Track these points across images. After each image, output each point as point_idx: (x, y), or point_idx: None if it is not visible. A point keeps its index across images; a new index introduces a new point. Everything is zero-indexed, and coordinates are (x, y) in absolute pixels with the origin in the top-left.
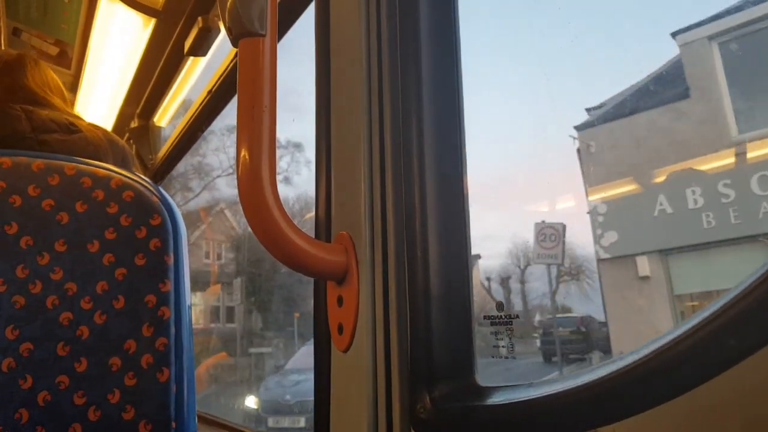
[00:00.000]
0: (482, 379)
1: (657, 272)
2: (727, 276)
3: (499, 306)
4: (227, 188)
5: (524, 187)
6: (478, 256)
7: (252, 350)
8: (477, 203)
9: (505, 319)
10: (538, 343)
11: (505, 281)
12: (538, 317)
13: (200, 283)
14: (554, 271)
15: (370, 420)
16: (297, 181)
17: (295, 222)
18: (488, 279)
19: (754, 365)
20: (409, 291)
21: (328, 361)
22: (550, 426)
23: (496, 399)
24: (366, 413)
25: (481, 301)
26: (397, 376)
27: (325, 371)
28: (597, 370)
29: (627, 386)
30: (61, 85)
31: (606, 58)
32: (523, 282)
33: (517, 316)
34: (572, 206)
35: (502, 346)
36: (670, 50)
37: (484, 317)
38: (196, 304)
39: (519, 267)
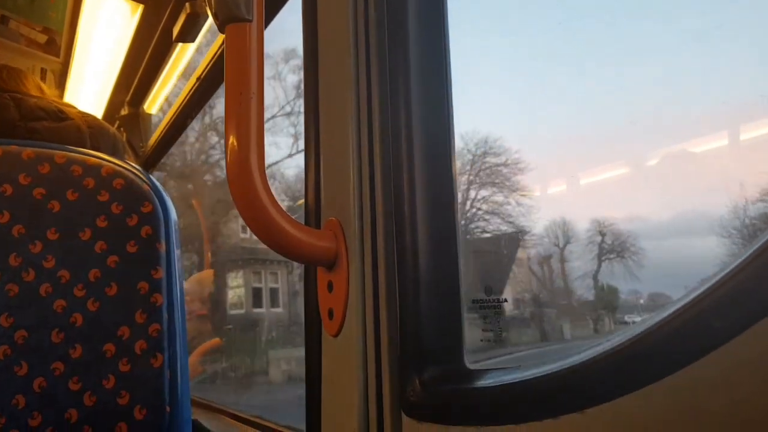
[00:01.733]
0: None
1: None
2: None
3: (488, 290)
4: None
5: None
6: (521, 232)
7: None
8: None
9: (493, 303)
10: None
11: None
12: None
13: (240, 261)
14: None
15: (361, 403)
16: None
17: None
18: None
19: (738, 347)
20: (399, 276)
21: (318, 345)
22: (538, 408)
23: (485, 381)
24: (356, 397)
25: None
26: (387, 360)
27: (316, 356)
28: (585, 352)
29: (613, 368)
30: (39, 82)
31: None
32: (563, 261)
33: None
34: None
35: (491, 330)
36: None
37: (473, 301)
38: (237, 287)
39: (558, 246)
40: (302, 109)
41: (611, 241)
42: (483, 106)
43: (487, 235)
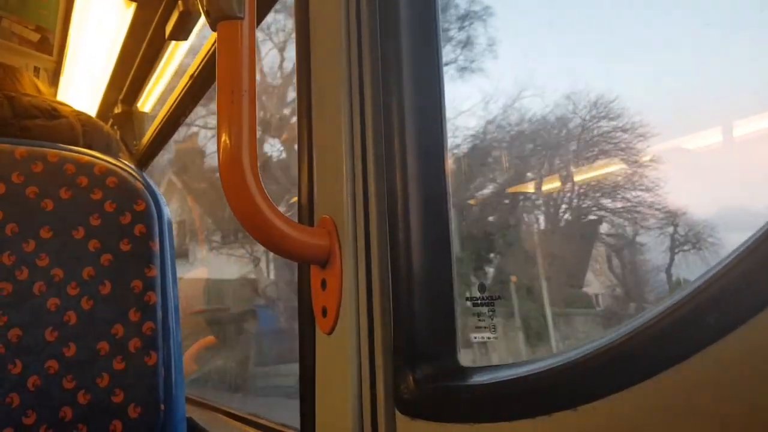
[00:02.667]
0: None
1: None
2: None
3: (481, 287)
4: None
5: None
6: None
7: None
8: None
9: (487, 300)
10: None
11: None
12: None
13: None
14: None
15: (355, 400)
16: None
17: None
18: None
19: (732, 343)
20: (392, 273)
21: (312, 343)
22: (531, 405)
23: (478, 379)
24: (350, 395)
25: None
26: (381, 358)
27: (310, 354)
28: (578, 349)
29: (607, 365)
30: (36, 82)
31: None
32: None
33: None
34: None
35: (484, 327)
36: None
37: (467, 299)
38: None
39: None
40: None
41: None
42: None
43: (604, 214)
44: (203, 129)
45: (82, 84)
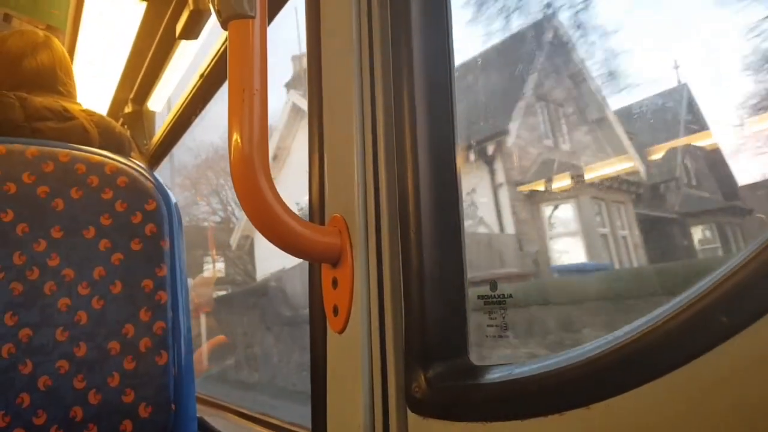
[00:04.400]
0: None
1: None
2: None
3: (492, 285)
4: None
5: None
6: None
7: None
8: None
9: (498, 299)
10: None
11: None
12: None
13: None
14: None
15: (366, 400)
16: None
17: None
18: None
19: (745, 342)
20: (404, 272)
21: (323, 342)
22: (543, 404)
23: (490, 377)
24: (362, 394)
25: None
26: (392, 357)
27: (321, 353)
28: (590, 347)
29: (619, 363)
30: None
31: None
32: None
33: None
34: None
35: (495, 326)
36: None
37: (478, 297)
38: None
39: None
40: None
41: None
42: None
43: None
44: None
45: (92, 83)
